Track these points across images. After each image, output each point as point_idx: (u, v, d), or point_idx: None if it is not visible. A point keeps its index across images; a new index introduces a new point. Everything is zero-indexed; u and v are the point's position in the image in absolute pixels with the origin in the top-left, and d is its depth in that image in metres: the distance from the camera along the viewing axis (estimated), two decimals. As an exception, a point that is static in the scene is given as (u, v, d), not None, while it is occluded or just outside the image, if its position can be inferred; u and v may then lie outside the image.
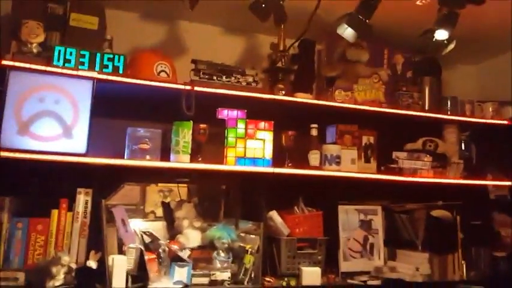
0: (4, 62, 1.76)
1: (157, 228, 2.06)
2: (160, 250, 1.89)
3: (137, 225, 2.01)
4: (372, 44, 2.51)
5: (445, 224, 2.38)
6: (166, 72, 2.07)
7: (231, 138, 2.13)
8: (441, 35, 2.05)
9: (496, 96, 2.72)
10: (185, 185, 2.18)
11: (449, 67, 2.82)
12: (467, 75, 3.00)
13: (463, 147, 2.60)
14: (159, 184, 2.12)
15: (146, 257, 1.84)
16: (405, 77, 2.62)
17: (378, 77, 2.42)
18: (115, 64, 1.94)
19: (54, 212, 1.82)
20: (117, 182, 2.01)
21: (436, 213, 2.38)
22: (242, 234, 2.10)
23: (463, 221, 2.41)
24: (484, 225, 2.52)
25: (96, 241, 1.83)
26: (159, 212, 2.12)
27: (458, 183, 2.44)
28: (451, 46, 2.07)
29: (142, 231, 1.97)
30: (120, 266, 1.76)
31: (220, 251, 2.01)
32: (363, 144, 2.41)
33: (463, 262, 2.37)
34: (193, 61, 2.11)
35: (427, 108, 2.52)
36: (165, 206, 2.14)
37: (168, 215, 2.11)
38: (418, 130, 2.50)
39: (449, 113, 2.55)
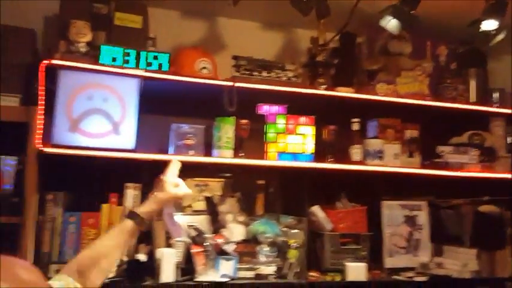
0: (54, 62, 1.81)
1: (200, 222, 2.08)
2: (206, 244, 1.92)
3: (181, 219, 2.03)
4: (414, 35, 2.45)
5: (493, 219, 2.31)
6: (207, 69, 2.09)
7: (271, 133, 2.13)
8: (489, 25, 1.97)
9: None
10: (222, 180, 2.19)
11: (496, 58, 2.71)
12: (514, 66, 2.88)
13: (510, 141, 2.50)
14: (195, 178, 2.14)
15: (193, 250, 1.87)
16: (449, 69, 2.54)
17: (421, 69, 2.36)
18: (159, 62, 1.97)
19: (105, 206, 1.87)
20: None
21: (483, 208, 2.31)
22: (285, 229, 2.10)
23: (510, 217, 2.33)
24: (534, 221, 2.42)
25: (145, 234, 1.86)
26: (196, 206, 2.13)
27: (506, 178, 2.36)
28: (501, 36, 2.00)
29: (189, 225, 2.00)
30: (169, 258, 1.80)
31: (265, 245, 2.01)
32: (406, 138, 2.36)
33: (512, 259, 2.30)
34: (234, 57, 2.12)
35: (472, 100, 2.45)
36: (209, 200, 2.17)
37: (212, 209, 2.14)
38: (463, 123, 2.43)
39: (496, 105, 2.46)
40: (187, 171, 2.07)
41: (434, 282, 2.14)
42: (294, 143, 2.14)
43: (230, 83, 2.02)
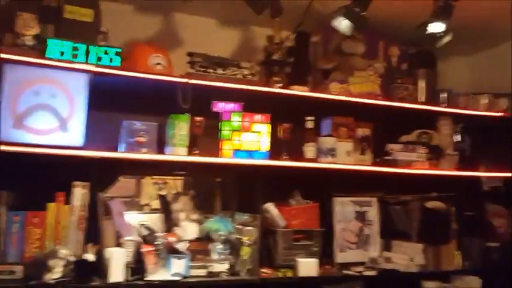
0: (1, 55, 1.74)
1: (153, 220, 2.06)
2: (157, 242, 1.90)
3: (134, 217, 2.01)
4: (367, 36, 2.51)
5: (439, 215, 2.41)
6: (162, 65, 2.06)
7: (226, 131, 2.14)
8: (437, 27, 2.05)
9: (490, 88, 2.74)
10: (181, 178, 2.18)
11: (445, 59, 2.83)
12: (462, 67, 3.02)
13: (457, 139, 2.61)
14: (154, 177, 2.12)
15: (143, 249, 1.85)
16: (400, 69, 2.62)
17: (373, 70, 2.43)
18: (110, 57, 1.92)
19: (51, 206, 1.81)
20: (114, 175, 2.01)
21: (430, 204, 2.41)
22: (239, 227, 2.11)
23: (457, 212, 2.44)
24: (478, 216, 2.55)
25: (93, 234, 1.83)
26: (155, 204, 2.12)
27: (452, 175, 2.47)
28: (447, 38, 2.08)
29: (140, 224, 1.98)
30: (117, 258, 1.77)
31: (218, 243, 2.02)
32: (358, 136, 2.42)
33: (457, 252, 2.41)
34: (189, 54, 2.10)
35: (421, 100, 2.53)
36: (162, 198, 2.15)
37: (165, 207, 2.12)
38: (413, 122, 2.52)
39: (443, 105, 2.56)
40: (146, 169, 2.08)
41: (383, 277, 2.21)
42: (249, 140, 2.16)
43: (184, 80, 2.00)
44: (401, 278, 2.24)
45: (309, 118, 2.29)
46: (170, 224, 2.07)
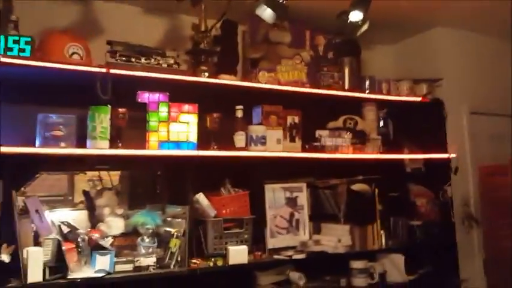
0: None
1: (78, 217, 1.99)
2: (79, 239, 1.84)
3: (60, 215, 1.92)
4: (294, 25, 2.54)
5: (364, 197, 2.52)
6: (79, 55, 1.96)
7: (153, 122, 2.09)
8: (355, 16, 2.12)
9: (411, 74, 2.88)
10: (117, 172, 2.10)
11: (369, 47, 2.93)
12: (385, 55, 3.15)
13: (381, 124, 2.74)
14: (88, 173, 2.05)
15: (64, 248, 1.78)
16: (327, 58, 2.69)
17: (300, 58, 2.46)
18: (21, 46, 1.80)
19: (-42, 207, 1.68)
20: (31, 172, 1.91)
21: (356, 187, 2.51)
22: (169, 219, 2.09)
23: (381, 194, 2.56)
24: (401, 196, 2.70)
25: (8, 234, 1.73)
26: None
27: (376, 158, 2.58)
28: (365, 27, 2.15)
29: (61, 222, 1.89)
30: (35, 258, 1.69)
31: (145, 237, 1.99)
32: (288, 124, 2.46)
33: (381, 232, 2.53)
34: (109, 42, 2.02)
35: (347, 87, 2.62)
36: (86, 194, 2.07)
37: (89, 203, 2.05)
38: (339, 109, 2.60)
39: (367, 91, 2.66)
40: (67, 164, 1.99)
41: (312, 259, 2.28)
42: (176, 131, 2.12)
43: (103, 70, 1.92)
44: (330, 259, 2.32)
45: (238, 107, 2.30)
46: (95, 220, 2.00)
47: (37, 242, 1.79)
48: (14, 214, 1.74)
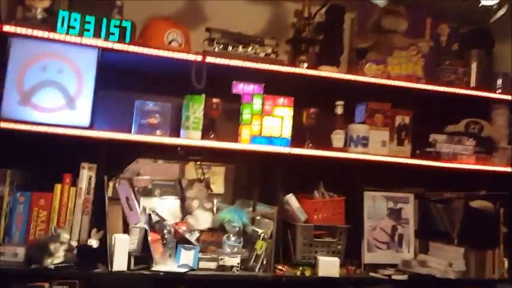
0: (5, 29, 1.67)
1: (169, 207, 1.95)
2: (165, 231, 1.79)
3: (149, 203, 1.90)
4: (412, 12, 2.23)
5: (486, 216, 2.15)
6: (177, 42, 1.92)
7: (246, 114, 1.98)
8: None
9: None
10: (223, 165, 2.07)
11: (504, 39, 2.46)
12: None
13: (513, 131, 2.30)
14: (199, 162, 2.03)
15: (150, 238, 1.75)
16: (450, 50, 2.34)
17: (416, 49, 2.15)
18: (122, 32, 1.80)
19: (57, 187, 1.74)
20: (124, 158, 1.92)
21: (476, 204, 2.15)
22: (258, 218, 1.96)
23: (507, 214, 2.16)
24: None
25: (100, 219, 1.75)
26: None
27: (505, 172, 2.17)
28: (501, 12, 1.77)
29: (152, 211, 1.87)
30: (121, 245, 1.68)
31: (231, 235, 1.88)
32: (396, 124, 2.19)
33: (504, 259, 2.13)
34: (208, 29, 1.94)
35: (473, 85, 2.25)
36: (179, 184, 2.04)
37: (181, 194, 2.01)
38: (461, 110, 2.24)
39: (499, 91, 2.25)
40: (160, 152, 1.98)
41: (415, 282, 1.98)
42: (270, 125, 1.99)
43: (199, 58, 1.85)
44: (437, 285, 2.00)
45: (339, 103, 2.09)
46: (185, 212, 1.96)
47: (127, 230, 1.79)
48: (105, 199, 1.75)
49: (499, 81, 2.26)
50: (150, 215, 1.86)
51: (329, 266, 1.89)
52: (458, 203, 2.17)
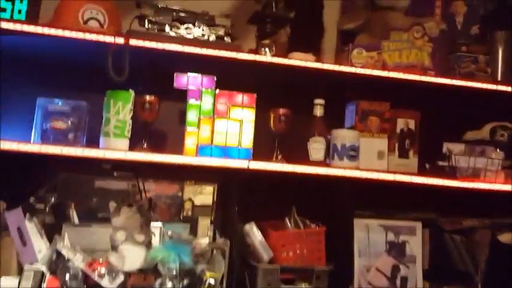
0: None
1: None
2: (67, 276, 1.32)
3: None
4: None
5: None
6: (98, 20, 1.47)
7: (191, 117, 1.52)
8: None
9: None
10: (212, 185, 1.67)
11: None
12: None
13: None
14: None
15: (45, 285, 1.28)
16: (468, 33, 1.87)
17: (421, 31, 1.67)
18: (18, 8, 1.38)
19: None
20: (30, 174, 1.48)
21: (505, 238, 1.67)
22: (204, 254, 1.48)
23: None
24: None
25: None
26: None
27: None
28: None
29: (59, 242, 1.41)
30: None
31: (167, 280, 1.40)
32: (398, 130, 1.76)
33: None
34: (137, 4, 1.49)
35: (500, 78, 1.77)
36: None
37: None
38: (484, 111, 1.79)
39: (535, 86, 1.76)
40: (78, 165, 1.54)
41: None
42: (224, 131, 1.53)
43: (120, 40, 1.39)
44: None
45: (318, 102, 1.64)
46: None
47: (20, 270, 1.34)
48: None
49: (535, 73, 1.75)
50: (56, 250, 1.39)
51: (300, 325, 1.39)
52: (482, 235, 1.72)
